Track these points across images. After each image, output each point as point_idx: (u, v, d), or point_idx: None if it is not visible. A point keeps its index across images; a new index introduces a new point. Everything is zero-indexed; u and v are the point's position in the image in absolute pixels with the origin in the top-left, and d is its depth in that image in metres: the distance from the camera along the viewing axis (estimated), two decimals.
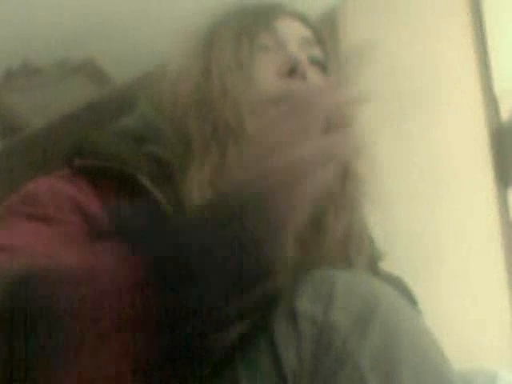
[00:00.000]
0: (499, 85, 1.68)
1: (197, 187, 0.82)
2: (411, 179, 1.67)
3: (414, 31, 1.76)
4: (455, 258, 1.60)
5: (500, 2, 1.71)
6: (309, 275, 0.68)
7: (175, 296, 0.57)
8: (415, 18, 1.76)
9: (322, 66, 0.96)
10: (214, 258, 0.59)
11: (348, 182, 0.94)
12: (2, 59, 1.62)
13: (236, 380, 0.65)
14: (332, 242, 0.91)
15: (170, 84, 0.93)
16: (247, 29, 0.93)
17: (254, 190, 0.62)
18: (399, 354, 0.61)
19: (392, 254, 1.03)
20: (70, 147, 0.88)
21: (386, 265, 1.01)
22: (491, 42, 1.70)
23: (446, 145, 1.69)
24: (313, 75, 0.93)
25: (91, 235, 0.76)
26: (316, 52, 0.96)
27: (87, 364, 0.55)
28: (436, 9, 1.75)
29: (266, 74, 0.91)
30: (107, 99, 1.12)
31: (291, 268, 0.88)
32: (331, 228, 0.91)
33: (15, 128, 1.46)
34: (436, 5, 1.75)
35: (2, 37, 1.66)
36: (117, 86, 1.45)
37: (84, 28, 1.70)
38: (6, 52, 1.63)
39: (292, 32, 0.95)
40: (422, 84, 1.72)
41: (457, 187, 1.65)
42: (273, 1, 0.99)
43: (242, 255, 0.59)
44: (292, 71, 0.90)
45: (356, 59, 0.69)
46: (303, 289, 0.66)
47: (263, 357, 0.64)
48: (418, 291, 1.00)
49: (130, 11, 1.69)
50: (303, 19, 0.99)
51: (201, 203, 0.75)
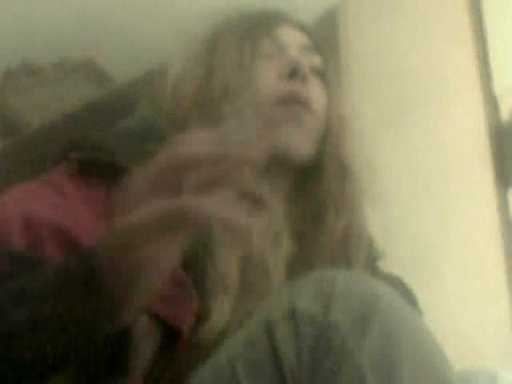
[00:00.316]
0: (499, 84, 1.68)
1: (195, 184, 0.82)
2: (411, 179, 1.67)
3: (414, 31, 1.76)
4: (455, 258, 1.60)
5: (500, 2, 1.70)
6: (308, 275, 0.68)
7: None
8: (415, 18, 1.76)
9: (322, 76, 0.97)
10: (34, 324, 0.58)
11: (348, 182, 0.94)
12: (2, 59, 1.62)
13: (236, 380, 0.65)
14: (331, 241, 0.92)
15: (172, 86, 0.93)
16: (249, 35, 0.94)
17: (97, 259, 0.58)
18: (399, 354, 0.61)
19: (392, 254, 1.03)
20: (68, 143, 0.88)
21: (387, 265, 1.01)
22: (491, 42, 1.70)
23: (446, 144, 1.69)
24: (313, 82, 0.94)
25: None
26: (315, 61, 0.98)
27: None
28: (436, 9, 1.75)
29: (268, 78, 0.92)
30: (107, 99, 1.12)
31: (290, 263, 0.89)
32: (331, 226, 0.92)
33: (15, 128, 1.46)
34: (436, 5, 1.75)
35: (2, 37, 1.66)
36: (117, 86, 1.45)
37: (84, 28, 1.71)
38: (6, 52, 1.63)
39: (292, 39, 0.97)
40: (422, 84, 1.72)
41: (457, 187, 1.65)
42: (273, 8, 1.01)
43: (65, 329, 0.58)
44: (293, 73, 0.91)
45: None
46: (303, 289, 0.66)
47: (263, 357, 0.64)
48: (418, 291, 1.00)
49: (130, 11, 1.69)
50: (303, 28, 1.00)
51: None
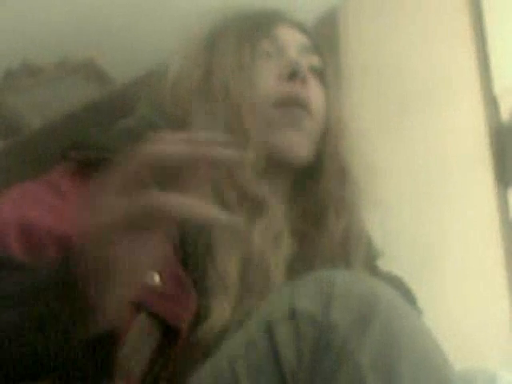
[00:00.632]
0: (499, 84, 1.68)
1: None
2: (411, 179, 1.67)
3: (414, 31, 1.76)
4: (455, 258, 1.60)
5: (500, 2, 1.71)
6: (308, 275, 0.68)
7: None
8: (415, 18, 1.76)
9: (321, 76, 0.97)
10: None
11: (347, 183, 0.94)
12: (2, 59, 1.62)
13: (236, 380, 0.65)
14: (331, 242, 0.92)
15: (171, 85, 0.94)
16: (248, 35, 0.94)
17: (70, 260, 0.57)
18: (399, 353, 0.61)
19: (392, 254, 1.03)
20: (68, 143, 0.88)
21: (387, 264, 1.01)
22: (491, 42, 1.70)
23: (446, 144, 1.69)
24: (312, 83, 0.94)
25: None
26: (314, 61, 0.98)
27: None
28: (436, 9, 1.75)
29: (267, 78, 0.93)
30: (107, 99, 1.12)
31: (290, 263, 0.89)
32: (331, 228, 0.92)
33: (15, 128, 1.46)
34: (436, 5, 1.76)
35: (2, 37, 1.66)
36: (117, 86, 1.45)
37: (84, 28, 1.71)
38: (6, 52, 1.63)
39: (291, 39, 0.97)
40: (422, 84, 1.73)
41: (457, 187, 1.65)
42: (272, 8, 1.00)
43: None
44: (293, 74, 0.92)
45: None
46: (303, 289, 0.66)
47: (263, 357, 0.64)
48: (418, 291, 1.00)
49: (130, 11, 1.69)
50: (302, 27, 1.00)
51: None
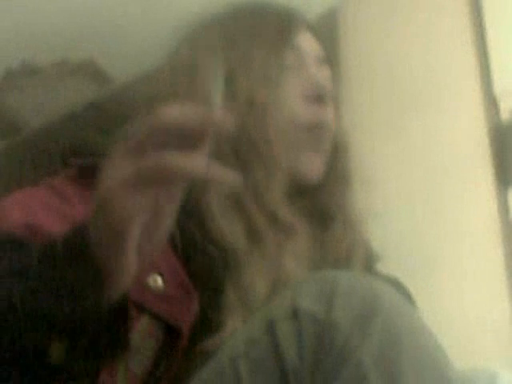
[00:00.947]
0: (499, 85, 1.68)
1: (216, 201, 0.82)
2: (411, 179, 1.67)
3: (414, 31, 1.76)
4: (455, 258, 1.60)
5: (500, 2, 1.71)
6: (311, 275, 0.68)
7: None
8: (415, 18, 1.76)
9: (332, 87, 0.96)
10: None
11: (352, 193, 0.94)
12: (2, 59, 1.62)
13: (238, 379, 0.65)
14: (335, 248, 0.92)
15: (184, 87, 0.90)
16: (274, 43, 0.91)
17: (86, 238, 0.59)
18: (401, 352, 0.61)
19: (392, 254, 1.03)
20: (67, 148, 0.88)
21: (386, 264, 1.01)
22: (491, 42, 1.70)
23: (446, 145, 1.69)
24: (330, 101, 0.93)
25: None
26: (328, 73, 0.97)
27: None
28: (436, 9, 1.75)
29: (291, 96, 0.90)
30: (107, 99, 1.12)
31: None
32: (337, 238, 0.92)
33: (15, 128, 1.46)
34: (436, 5, 1.75)
35: (2, 37, 1.66)
36: (117, 86, 1.45)
37: (84, 28, 1.70)
38: (6, 52, 1.63)
39: (310, 49, 0.95)
40: (422, 84, 1.72)
41: (457, 187, 1.65)
42: (291, 7, 0.97)
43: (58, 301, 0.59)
44: (319, 99, 0.90)
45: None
46: (305, 288, 0.66)
47: (265, 355, 0.65)
48: (418, 291, 1.00)
49: (130, 11, 1.69)
50: (317, 33, 0.98)
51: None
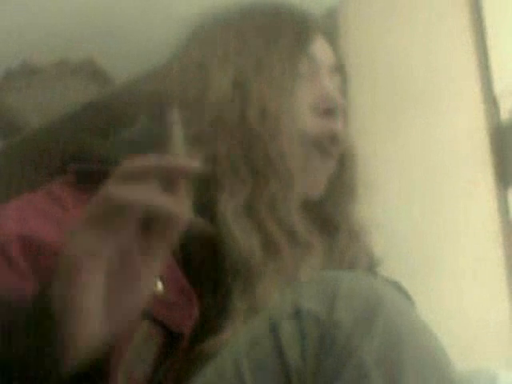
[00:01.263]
0: (499, 85, 1.68)
1: (231, 212, 0.81)
2: (411, 179, 1.67)
3: (414, 31, 1.76)
4: (455, 258, 1.60)
5: (500, 2, 1.70)
6: (313, 276, 0.69)
7: None
8: (415, 18, 1.76)
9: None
10: None
11: (357, 205, 0.94)
12: (2, 59, 1.62)
13: (240, 380, 0.65)
14: (339, 257, 0.92)
15: (193, 91, 0.88)
16: (289, 50, 0.89)
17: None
18: (403, 352, 0.61)
19: (392, 254, 1.03)
20: (67, 153, 0.87)
21: (387, 264, 1.01)
22: (491, 42, 1.70)
23: (446, 144, 1.69)
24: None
25: None
26: (339, 82, 0.95)
27: None
28: (436, 9, 1.75)
29: (302, 106, 0.89)
30: (107, 99, 1.12)
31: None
32: (341, 249, 0.92)
33: (15, 128, 1.46)
34: (436, 5, 1.75)
35: (2, 37, 1.66)
36: (117, 86, 1.45)
37: (84, 28, 1.70)
38: (6, 52, 1.63)
39: (324, 58, 0.93)
40: (422, 84, 1.72)
41: (457, 187, 1.65)
42: (303, 11, 0.95)
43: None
44: (330, 112, 0.89)
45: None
46: (307, 288, 0.66)
47: (268, 356, 0.65)
48: (418, 291, 1.00)
49: (130, 11, 1.69)
50: (330, 38, 0.96)
51: None
